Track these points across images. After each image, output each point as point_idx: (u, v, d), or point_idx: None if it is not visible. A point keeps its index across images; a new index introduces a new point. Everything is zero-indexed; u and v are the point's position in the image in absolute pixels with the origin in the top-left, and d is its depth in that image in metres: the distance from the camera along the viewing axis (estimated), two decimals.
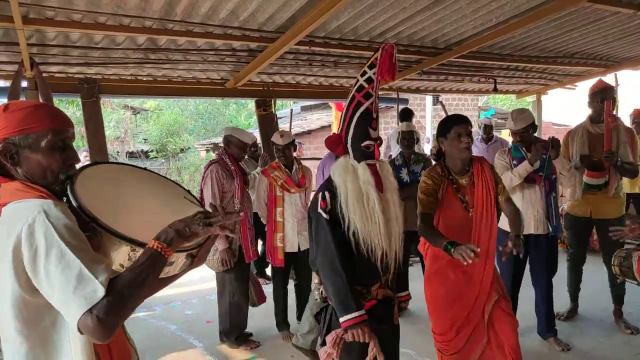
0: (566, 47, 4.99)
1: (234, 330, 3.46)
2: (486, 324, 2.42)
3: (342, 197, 1.82)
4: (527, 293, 3.46)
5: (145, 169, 1.50)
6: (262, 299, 3.67)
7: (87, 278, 1.01)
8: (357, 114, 1.85)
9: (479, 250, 1.94)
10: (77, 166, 1.28)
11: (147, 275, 1.08)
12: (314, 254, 1.94)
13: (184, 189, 1.53)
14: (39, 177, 1.18)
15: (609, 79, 6.25)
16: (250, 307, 3.58)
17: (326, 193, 1.88)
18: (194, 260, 1.33)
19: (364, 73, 1.87)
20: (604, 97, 3.50)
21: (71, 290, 1.00)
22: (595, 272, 3.78)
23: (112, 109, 14.60)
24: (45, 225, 1.04)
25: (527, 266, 3.43)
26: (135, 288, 1.05)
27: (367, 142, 1.85)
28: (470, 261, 1.91)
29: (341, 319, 1.78)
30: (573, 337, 3.50)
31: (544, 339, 3.43)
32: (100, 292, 1.01)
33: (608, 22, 4.19)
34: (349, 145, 1.89)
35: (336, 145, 1.92)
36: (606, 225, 3.50)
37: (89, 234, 1.14)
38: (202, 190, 3.36)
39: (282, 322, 3.69)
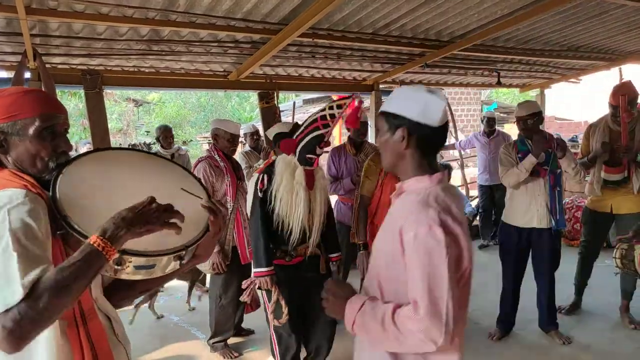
0: (570, 40, 4.95)
1: (217, 335, 3.27)
2: None
3: (275, 184, 2.35)
4: (528, 286, 3.47)
5: (154, 153, 1.45)
6: (252, 306, 3.47)
7: (14, 279, 0.92)
8: (313, 134, 2.31)
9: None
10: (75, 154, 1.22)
11: (79, 277, 0.95)
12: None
13: (194, 176, 1.39)
14: (29, 165, 1.15)
15: (613, 73, 6.23)
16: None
17: (265, 176, 2.40)
18: (183, 261, 1.18)
19: (332, 107, 2.29)
20: (625, 92, 3.47)
21: None
22: (599, 267, 3.79)
23: (115, 101, 14.60)
24: (3, 218, 0.98)
25: (530, 260, 3.43)
26: (59, 291, 0.92)
27: (310, 155, 2.35)
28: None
29: (253, 270, 2.42)
30: (574, 330, 3.51)
31: (545, 332, 3.44)
32: (18, 294, 0.90)
33: (613, 16, 4.15)
34: (297, 150, 2.36)
35: (289, 147, 2.38)
36: (627, 219, 3.48)
37: (63, 232, 1.08)
38: None
39: None
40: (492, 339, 3.43)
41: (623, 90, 3.50)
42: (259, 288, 2.48)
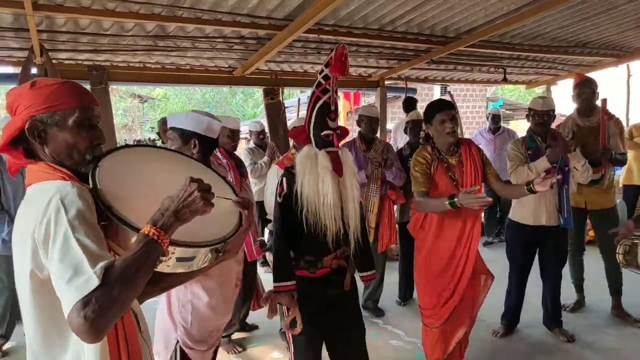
0: (578, 36, 4.92)
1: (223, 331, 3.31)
2: (473, 306, 2.70)
3: (299, 182, 2.07)
4: (532, 284, 3.46)
5: (181, 153, 1.44)
6: (259, 303, 3.43)
7: (84, 268, 0.93)
8: (317, 107, 2.08)
9: (478, 187, 2.29)
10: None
11: (141, 266, 0.97)
12: None
13: (220, 175, 1.41)
14: (66, 157, 1.15)
15: (621, 69, 6.18)
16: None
17: (283, 179, 2.15)
18: (219, 255, 1.20)
19: (322, 71, 2.08)
20: (583, 90, 3.54)
21: (66, 279, 0.93)
22: (599, 263, 3.77)
23: (120, 97, 14.65)
24: (58, 208, 1.00)
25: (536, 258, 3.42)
26: (127, 281, 0.94)
27: (326, 132, 2.07)
28: (481, 203, 2.25)
29: (274, 285, 2.12)
30: (578, 328, 3.50)
31: (550, 330, 3.43)
32: (93, 283, 0.91)
33: (622, 11, 4.12)
34: (311, 135, 2.11)
35: (299, 135, 2.16)
36: (601, 214, 3.59)
37: (105, 223, 1.09)
38: None
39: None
40: (496, 336, 3.42)
41: (590, 88, 3.54)
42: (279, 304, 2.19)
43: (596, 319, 3.69)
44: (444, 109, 2.57)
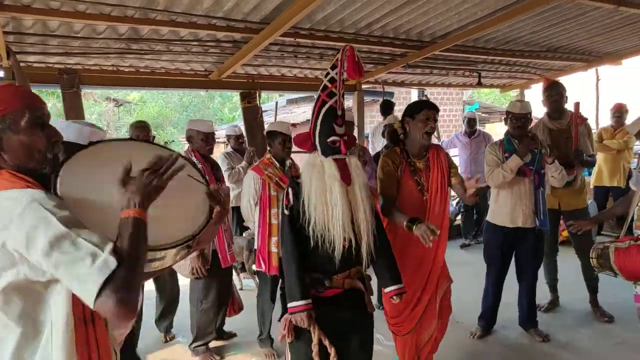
0: (549, 41, 5.03)
1: (198, 339, 3.22)
2: (438, 308, 2.67)
3: (305, 192, 1.95)
4: (508, 285, 3.50)
5: (152, 141, 1.45)
6: (235, 309, 3.48)
7: (99, 254, 0.99)
8: (322, 112, 1.96)
9: (438, 232, 2.16)
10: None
11: (137, 243, 1.05)
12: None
13: (193, 164, 1.42)
14: (27, 159, 1.14)
15: (590, 73, 6.35)
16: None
17: (289, 190, 2.02)
18: (190, 250, 1.28)
19: (327, 74, 1.97)
20: (551, 93, 3.64)
21: (87, 266, 0.97)
22: (572, 262, 3.86)
23: (95, 101, 14.35)
24: (40, 213, 1.01)
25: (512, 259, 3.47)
26: (134, 259, 1.02)
27: (332, 138, 1.95)
28: (430, 244, 2.14)
29: (288, 305, 1.97)
30: (553, 327, 3.56)
31: (525, 330, 3.48)
32: (112, 262, 0.98)
33: (590, 17, 4.24)
34: (317, 142, 1.99)
35: (304, 142, 2.03)
36: (574, 215, 3.64)
37: None
38: None
39: (266, 337, 3.29)
40: (473, 338, 3.46)
41: (558, 92, 3.64)
42: (295, 327, 2.00)
43: (570, 318, 3.76)
44: (433, 108, 2.56)
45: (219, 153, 5.51)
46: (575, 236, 3.73)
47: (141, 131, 3.32)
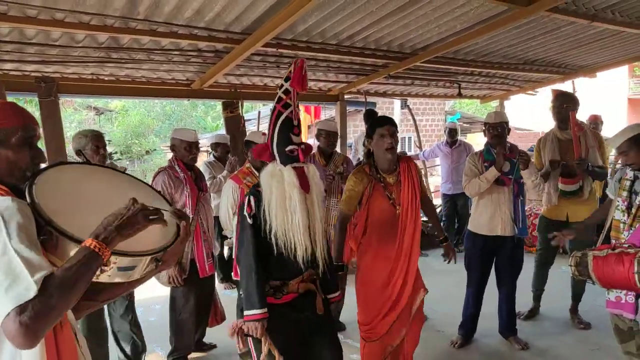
0: (527, 54, 5.16)
1: (177, 350, 3.18)
2: (411, 317, 2.71)
3: (266, 201, 1.99)
4: (488, 293, 3.54)
5: (114, 169, 1.48)
6: (217, 319, 3.44)
7: (23, 277, 0.96)
8: (279, 123, 2.03)
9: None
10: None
11: (80, 277, 1.02)
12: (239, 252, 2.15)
13: (155, 189, 1.48)
14: (7, 174, 1.18)
15: (566, 85, 6.51)
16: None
17: (251, 198, 2.06)
18: (159, 264, 1.27)
19: (282, 86, 2.04)
20: (563, 102, 3.68)
21: (4, 287, 0.95)
22: (554, 271, 3.92)
23: (75, 110, 14.15)
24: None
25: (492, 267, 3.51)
26: (65, 290, 0.99)
27: (290, 147, 2.01)
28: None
29: (245, 312, 2.00)
30: (532, 335, 3.60)
31: (505, 338, 3.52)
32: (32, 291, 0.95)
33: (565, 32, 4.35)
34: (275, 152, 2.05)
35: (263, 152, 2.09)
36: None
37: (44, 237, 1.11)
38: None
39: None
40: (453, 346, 3.47)
41: (567, 101, 3.69)
42: (246, 335, 2.06)
43: (549, 327, 3.81)
44: (385, 124, 2.58)
45: (201, 163, 5.47)
46: (577, 248, 3.71)
47: (100, 141, 2.92)
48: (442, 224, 6.40)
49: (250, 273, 2.02)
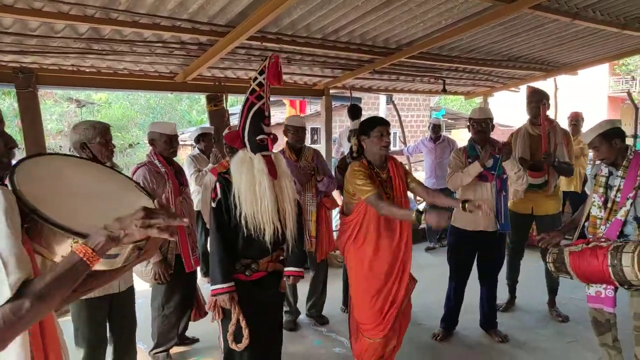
0: (510, 51, 5.21)
1: (159, 346, 3.17)
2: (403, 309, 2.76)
3: (236, 186, 2.13)
4: (470, 287, 3.59)
5: (92, 160, 1.46)
6: (200, 313, 3.42)
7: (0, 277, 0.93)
8: (251, 113, 2.17)
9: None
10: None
11: (61, 286, 0.99)
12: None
13: (134, 181, 1.47)
14: None
15: (549, 83, 6.61)
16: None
17: (217, 184, 2.20)
18: (141, 252, 1.26)
19: (255, 78, 2.18)
20: (537, 99, 3.75)
21: None
22: (532, 265, 3.99)
23: (55, 102, 13.87)
24: None
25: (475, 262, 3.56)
26: (42, 299, 0.96)
27: (261, 136, 2.16)
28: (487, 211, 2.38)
29: (211, 288, 2.19)
30: (512, 328, 3.67)
31: (486, 332, 3.57)
32: (6, 293, 0.92)
33: (548, 29, 4.41)
34: (246, 140, 2.19)
35: (234, 140, 2.22)
36: (546, 220, 3.77)
37: (27, 226, 1.09)
38: None
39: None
40: (436, 339, 3.52)
41: (542, 98, 3.76)
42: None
43: (528, 319, 3.88)
44: (385, 124, 2.74)
45: (185, 156, 5.43)
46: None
47: (109, 134, 2.61)
48: None
49: (215, 252, 2.18)
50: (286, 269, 2.47)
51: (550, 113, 6.01)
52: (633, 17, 4.38)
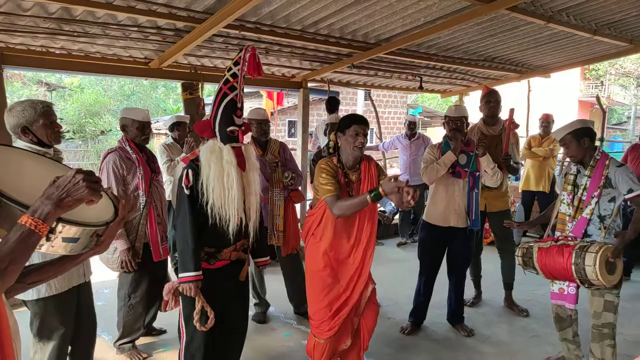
0: (487, 51, 5.29)
1: (124, 336, 3.11)
2: (361, 311, 2.70)
3: (204, 175, 2.12)
4: (440, 282, 3.65)
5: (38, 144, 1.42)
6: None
7: None
8: (223, 104, 2.15)
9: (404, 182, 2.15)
10: None
11: (17, 256, 0.98)
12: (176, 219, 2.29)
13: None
14: None
15: (522, 84, 6.75)
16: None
17: (189, 171, 2.17)
18: (99, 241, 1.23)
19: (230, 69, 2.15)
20: (490, 99, 3.87)
21: None
22: (497, 261, 4.09)
23: (23, 84, 13.39)
24: None
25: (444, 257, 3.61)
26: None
27: (231, 128, 2.15)
28: (410, 200, 2.10)
29: (179, 275, 2.17)
30: (477, 323, 3.76)
31: (453, 326, 3.65)
32: None
33: (523, 31, 4.49)
34: (216, 130, 2.17)
35: (205, 129, 2.20)
36: (498, 216, 3.89)
37: None
38: None
39: None
40: (404, 333, 3.57)
41: (495, 98, 3.87)
42: (181, 294, 2.26)
43: (492, 314, 3.98)
44: (363, 123, 2.60)
45: (158, 145, 5.32)
46: (498, 238, 3.99)
47: (54, 115, 2.36)
48: (398, 214, 6.56)
49: (186, 240, 2.15)
50: (256, 260, 2.51)
51: (523, 114, 6.16)
52: (604, 24, 4.51)
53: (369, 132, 2.67)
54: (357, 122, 2.60)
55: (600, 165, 2.69)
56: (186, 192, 2.16)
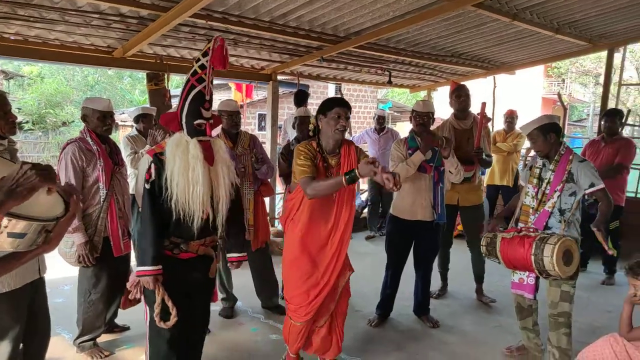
0: (454, 47, 5.37)
1: (85, 334, 3.00)
2: (337, 297, 2.75)
3: (169, 169, 2.06)
4: (405, 275, 3.69)
5: None
6: (131, 301, 3.34)
7: None
8: (191, 96, 2.08)
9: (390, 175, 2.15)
10: None
11: None
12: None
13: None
14: None
15: (488, 80, 6.89)
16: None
17: (152, 165, 2.12)
18: (47, 238, 1.19)
19: (198, 60, 2.09)
20: (460, 93, 3.90)
21: None
22: (463, 255, 4.18)
23: None
24: None
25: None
26: None
27: (199, 121, 2.09)
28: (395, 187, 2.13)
29: (137, 269, 2.14)
30: (442, 314, 3.83)
31: (419, 317, 3.71)
32: None
33: (489, 28, 4.58)
34: (183, 123, 2.11)
35: (171, 121, 2.14)
36: (471, 210, 3.96)
37: None
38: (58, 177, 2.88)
39: None
40: (370, 325, 3.60)
41: (464, 93, 3.90)
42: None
43: (457, 306, 4.07)
44: (345, 106, 2.58)
45: (121, 137, 5.16)
46: (469, 230, 4.06)
47: (7, 104, 2.21)
48: (367, 207, 6.61)
49: (145, 233, 2.11)
50: (229, 255, 2.44)
51: (489, 110, 6.28)
52: (565, 23, 4.65)
53: (349, 117, 2.62)
54: (340, 104, 2.58)
55: (564, 160, 2.77)
56: (147, 186, 2.11)
